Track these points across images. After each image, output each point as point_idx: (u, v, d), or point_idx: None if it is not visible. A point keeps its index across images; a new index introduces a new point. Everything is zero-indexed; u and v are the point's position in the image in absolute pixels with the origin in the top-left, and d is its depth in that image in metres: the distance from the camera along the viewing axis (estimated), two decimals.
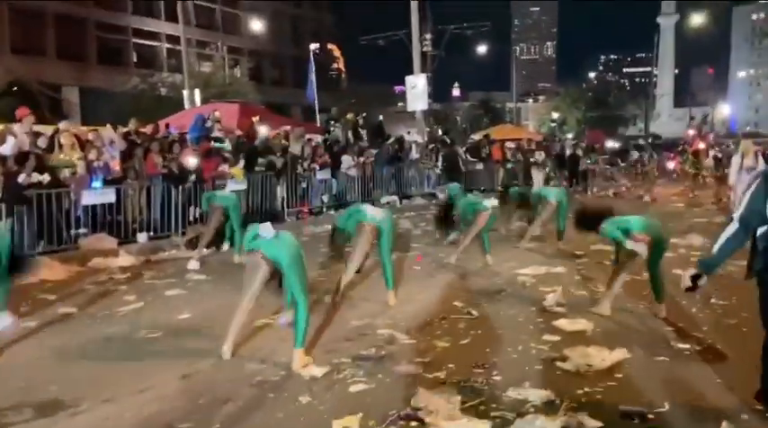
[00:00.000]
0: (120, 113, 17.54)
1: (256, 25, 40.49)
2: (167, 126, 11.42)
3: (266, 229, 4.39)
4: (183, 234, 9.46)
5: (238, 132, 11.29)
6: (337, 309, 5.96)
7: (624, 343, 4.81)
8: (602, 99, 54.27)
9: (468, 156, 18.47)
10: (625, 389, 4.00)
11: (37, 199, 7.83)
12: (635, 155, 22.41)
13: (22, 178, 7.66)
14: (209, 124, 11.53)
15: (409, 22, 17.15)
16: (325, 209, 12.99)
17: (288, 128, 12.47)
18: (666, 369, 4.34)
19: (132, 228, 9.06)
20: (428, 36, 25.34)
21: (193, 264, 7.77)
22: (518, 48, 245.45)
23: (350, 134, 14.53)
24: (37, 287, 6.79)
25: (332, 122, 14.92)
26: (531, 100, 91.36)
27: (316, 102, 18.78)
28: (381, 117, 40.18)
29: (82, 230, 8.40)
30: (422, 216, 13.81)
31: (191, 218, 9.92)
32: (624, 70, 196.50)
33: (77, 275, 7.45)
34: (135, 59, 39.29)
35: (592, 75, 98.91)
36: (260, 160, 11.02)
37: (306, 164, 12.27)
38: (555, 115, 50.37)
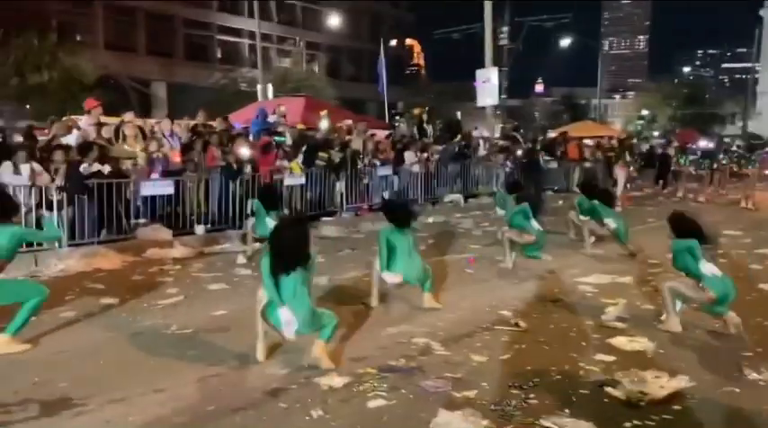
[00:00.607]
0: (207, 108, 17.94)
1: (335, 21, 40.77)
2: (225, 119, 11.45)
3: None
4: (240, 227, 9.46)
5: (301, 126, 11.22)
6: (376, 314, 5.68)
7: (689, 369, 4.27)
8: (696, 96, 51.08)
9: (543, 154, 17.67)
10: (681, 424, 3.49)
11: (98, 189, 8.00)
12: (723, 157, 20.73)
13: (83, 168, 7.83)
14: (273, 118, 11.53)
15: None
16: None
17: (350, 122, 12.30)
18: (734, 403, 3.77)
19: (191, 220, 9.13)
20: (505, 29, 24.55)
21: (241, 259, 7.73)
22: (607, 42, 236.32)
23: (415, 130, 14.18)
24: (89, 276, 6.93)
25: (396, 118, 14.59)
26: (618, 96, 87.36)
27: (385, 97, 18.55)
28: (459, 113, 39.61)
29: (141, 220, 8.53)
30: (487, 215, 13.29)
31: (248, 212, 9.91)
32: (723, 66, 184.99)
33: (131, 265, 7.56)
34: (219, 55, 40.50)
35: (686, 70, 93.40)
36: (319, 155, 10.88)
37: (367, 160, 12.04)
38: (644, 112, 47.78)
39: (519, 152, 16.46)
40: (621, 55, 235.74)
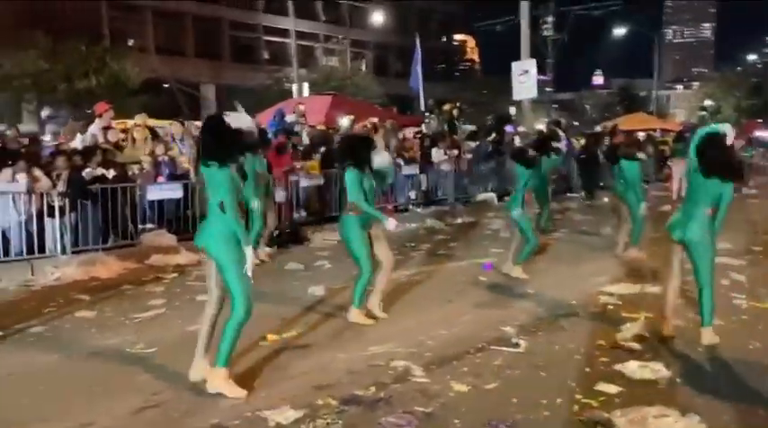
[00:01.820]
0: (249, 109, 17.88)
1: (381, 18, 40.36)
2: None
3: None
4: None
5: (321, 126, 10.80)
6: (363, 328, 5.20)
7: (705, 405, 3.61)
8: (763, 85, 48.02)
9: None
10: None
11: (102, 193, 7.83)
12: None
13: (86, 172, 7.68)
14: (291, 118, 11.20)
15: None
16: (411, 207, 12.21)
17: (375, 120, 11.84)
18: None
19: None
20: (549, 19, 23.46)
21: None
22: (670, 30, 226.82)
23: (445, 126, 13.58)
24: (81, 285, 6.73)
25: (427, 114, 14.02)
26: (680, 86, 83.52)
27: (421, 94, 17.94)
28: (514, 108, 38.56)
29: (149, 226, 8.33)
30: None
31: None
32: None
33: (130, 273, 7.34)
34: (266, 56, 40.81)
35: (754, 58, 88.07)
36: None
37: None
38: (707, 103, 45.25)
39: (562, 147, 15.57)
40: (686, 44, 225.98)
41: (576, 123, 39.17)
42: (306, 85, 22.08)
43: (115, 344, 4.80)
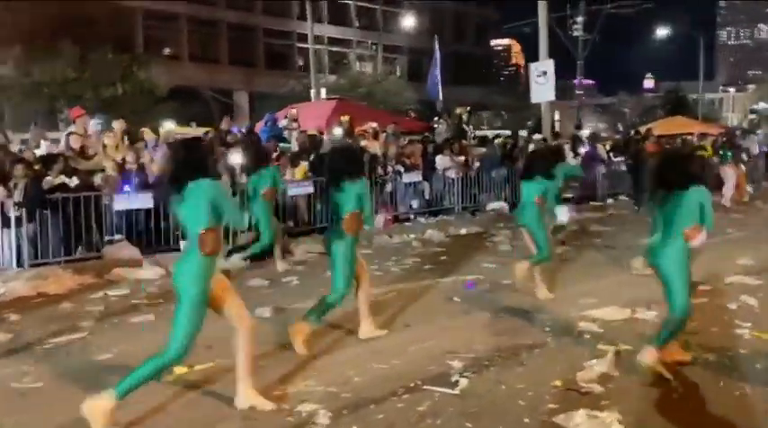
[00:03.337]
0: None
1: (414, 22, 39.82)
2: (215, 129, 10.74)
3: None
4: (231, 242, 8.66)
5: (311, 131, 10.28)
6: (291, 359, 4.59)
7: None
8: None
9: (612, 155, 15.78)
10: None
11: (65, 203, 7.47)
12: None
13: (46, 181, 7.33)
14: (283, 123, 10.72)
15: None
16: (413, 216, 11.54)
17: (375, 125, 11.24)
18: None
19: (175, 236, 8.45)
20: (579, 19, 22.37)
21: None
22: (724, 32, 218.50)
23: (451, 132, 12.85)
24: (20, 302, 6.32)
25: (435, 119, 13.33)
26: (733, 89, 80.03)
27: (440, 99, 17.29)
28: (558, 113, 37.35)
29: (116, 237, 7.94)
30: None
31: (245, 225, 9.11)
32: None
33: (84, 288, 6.92)
34: (300, 62, 40.83)
35: None
36: None
37: (389, 166, 10.93)
38: (759, 106, 42.94)
39: (582, 152, 14.68)
40: (741, 45, 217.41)
41: (621, 127, 37.71)
42: (323, 91, 21.64)
43: (4, 375, 4.32)
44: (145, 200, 8.04)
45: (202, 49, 36.77)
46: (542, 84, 14.09)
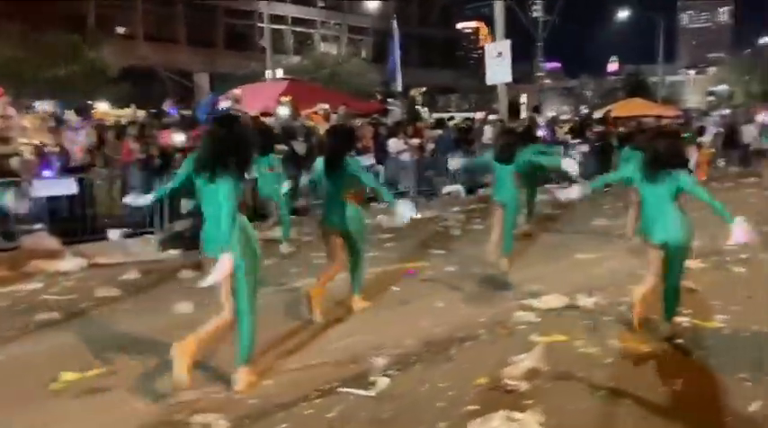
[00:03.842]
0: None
1: (379, 4, 39.20)
2: (150, 111, 10.22)
3: None
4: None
5: (253, 113, 9.79)
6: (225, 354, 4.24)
7: None
8: None
9: (570, 137, 15.64)
10: None
11: None
12: None
13: None
14: (224, 104, 10.22)
15: None
16: (365, 201, 11.18)
17: (326, 107, 10.81)
18: None
19: (104, 224, 7.96)
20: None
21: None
22: (686, 15, 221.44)
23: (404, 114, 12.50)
24: None
25: (389, 101, 12.94)
26: (692, 72, 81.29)
27: (399, 81, 16.90)
28: (525, 95, 37.23)
29: (37, 226, 7.43)
30: (484, 210, 11.54)
31: (183, 212, 8.66)
32: None
33: None
34: (262, 43, 39.86)
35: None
36: (276, 147, 9.44)
37: None
38: (715, 88, 43.57)
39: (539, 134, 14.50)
40: (702, 29, 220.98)
41: (585, 108, 37.84)
42: (279, 71, 21.05)
43: None
44: (68, 186, 7.53)
45: (159, 29, 35.57)
46: (498, 65, 13.79)
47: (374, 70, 34.97)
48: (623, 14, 36.40)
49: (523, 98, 34.83)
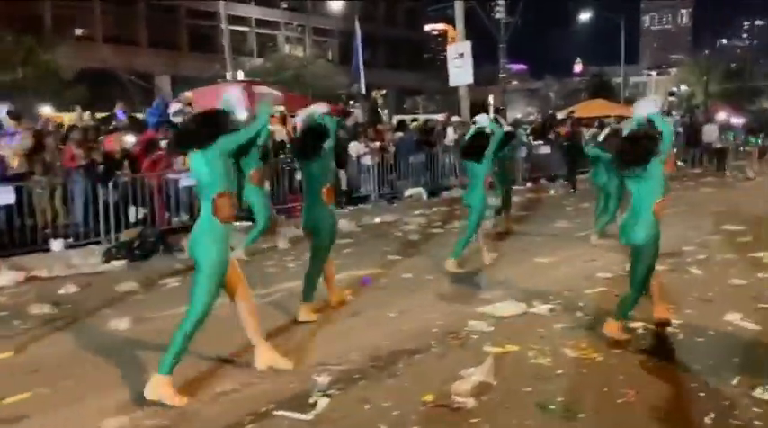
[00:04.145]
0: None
1: (344, 5, 38.95)
2: (96, 115, 9.84)
3: None
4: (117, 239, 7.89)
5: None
6: (106, 384, 3.95)
7: None
8: (735, 70, 47.40)
9: (531, 138, 15.65)
10: None
11: None
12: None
13: None
14: (174, 108, 9.87)
15: None
16: None
17: (281, 108, 10.53)
18: None
19: (45, 235, 7.58)
20: (500, 1, 22.12)
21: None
22: (648, 17, 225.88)
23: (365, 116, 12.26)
24: None
25: (350, 103, 12.70)
26: (654, 72, 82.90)
27: (362, 83, 16.68)
28: (491, 97, 37.27)
29: None
30: (451, 212, 11.44)
31: (132, 220, 8.33)
32: None
33: None
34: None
35: (731, 44, 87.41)
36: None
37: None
38: (675, 89, 44.44)
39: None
40: (664, 31, 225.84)
41: (553, 112, 38.11)
42: (240, 74, 20.66)
43: None
44: (4, 195, 7.13)
45: (119, 30, 34.76)
46: (460, 66, 13.70)
47: (340, 72, 34.66)
48: (588, 17, 36.89)
49: (491, 99, 34.99)
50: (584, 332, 4.67)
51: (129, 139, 8.13)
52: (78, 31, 33.30)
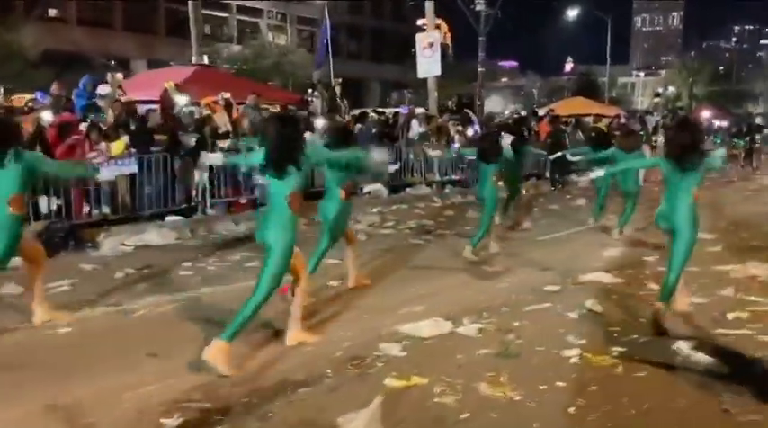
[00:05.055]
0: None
1: None
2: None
3: None
4: None
5: (124, 98, 8.55)
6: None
7: None
8: (722, 72, 47.15)
9: (504, 135, 14.92)
10: None
11: None
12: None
13: None
14: (103, 90, 9.06)
15: None
16: None
17: (228, 95, 9.76)
18: None
19: None
20: None
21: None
22: (639, 18, 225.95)
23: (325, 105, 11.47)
24: None
25: (309, 91, 11.95)
26: (642, 73, 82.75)
27: (331, 71, 15.91)
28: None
29: None
30: (411, 210, 10.77)
31: (44, 211, 7.54)
32: (762, 42, 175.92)
33: None
34: (207, 31, 38.31)
35: (720, 46, 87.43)
36: (156, 137, 8.36)
37: (242, 142, 9.52)
38: (660, 89, 44.10)
39: (470, 132, 13.78)
40: (654, 32, 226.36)
41: (532, 109, 37.55)
42: (205, 59, 19.75)
43: None
44: None
45: (94, 13, 33.73)
46: (429, 57, 12.97)
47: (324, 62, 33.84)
48: (576, 15, 36.34)
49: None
50: (510, 361, 3.98)
51: (47, 117, 7.29)
52: (52, 12, 32.30)
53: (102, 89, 9.03)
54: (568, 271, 6.18)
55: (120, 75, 9.51)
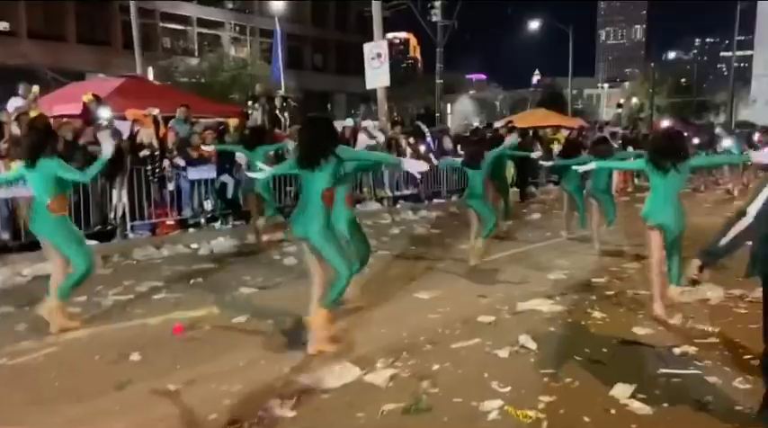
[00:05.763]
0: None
1: (291, 8, 37.78)
2: None
3: None
4: None
5: (33, 113, 7.82)
6: None
7: None
8: (684, 84, 47.78)
9: (459, 147, 14.44)
10: None
11: None
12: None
13: None
14: (14, 104, 8.26)
15: None
16: (204, 221, 9.46)
17: (156, 111, 9.04)
18: None
19: None
20: (437, 3, 21.01)
21: None
22: (604, 32, 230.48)
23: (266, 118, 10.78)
24: None
25: (249, 104, 11.33)
26: (606, 85, 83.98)
27: (282, 83, 15.30)
28: (450, 105, 36.27)
29: None
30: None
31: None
32: (721, 54, 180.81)
33: None
34: (167, 44, 37.52)
35: (682, 58, 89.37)
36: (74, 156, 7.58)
37: (167, 159, 8.81)
38: (623, 101, 44.44)
39: (422, 147, 13.24)
40: (619, 45, 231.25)
41: (487, 122, 37.46)
42: (150, 70, 19.02)
43: None
44: None
45: (46, 25, 32.63)
46: (377, 67, 12.41)
47: (288, 76, 33.20)
48: (538, 27, 36.39)
49: (449, 108, 34.14)
50: (419, 418, 3.35)
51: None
52: (2, 26, 31.13)
53: (13, 103, 8.24)
54: (507, 299, 5.61)
55: (36, 88, 8.72)
